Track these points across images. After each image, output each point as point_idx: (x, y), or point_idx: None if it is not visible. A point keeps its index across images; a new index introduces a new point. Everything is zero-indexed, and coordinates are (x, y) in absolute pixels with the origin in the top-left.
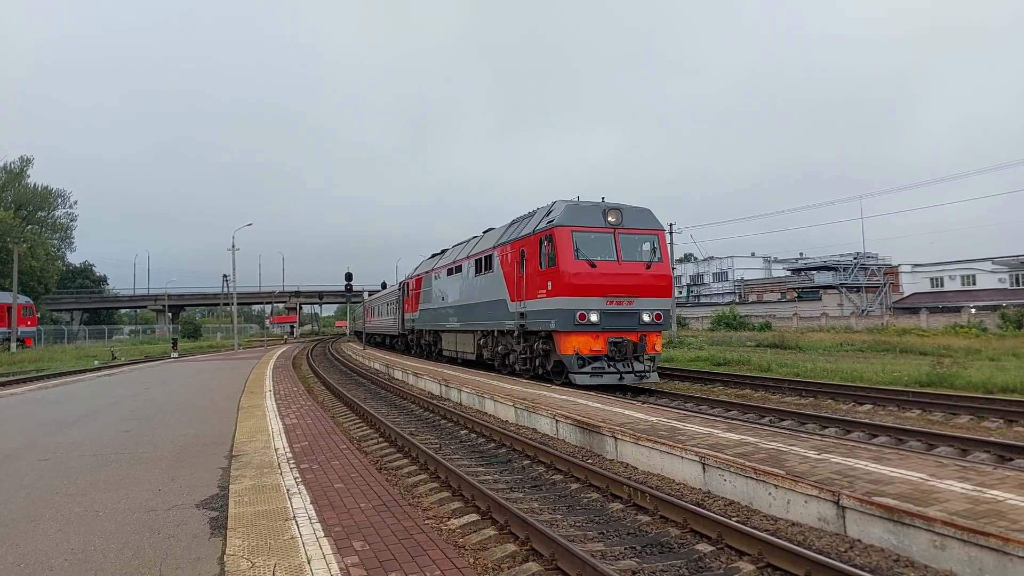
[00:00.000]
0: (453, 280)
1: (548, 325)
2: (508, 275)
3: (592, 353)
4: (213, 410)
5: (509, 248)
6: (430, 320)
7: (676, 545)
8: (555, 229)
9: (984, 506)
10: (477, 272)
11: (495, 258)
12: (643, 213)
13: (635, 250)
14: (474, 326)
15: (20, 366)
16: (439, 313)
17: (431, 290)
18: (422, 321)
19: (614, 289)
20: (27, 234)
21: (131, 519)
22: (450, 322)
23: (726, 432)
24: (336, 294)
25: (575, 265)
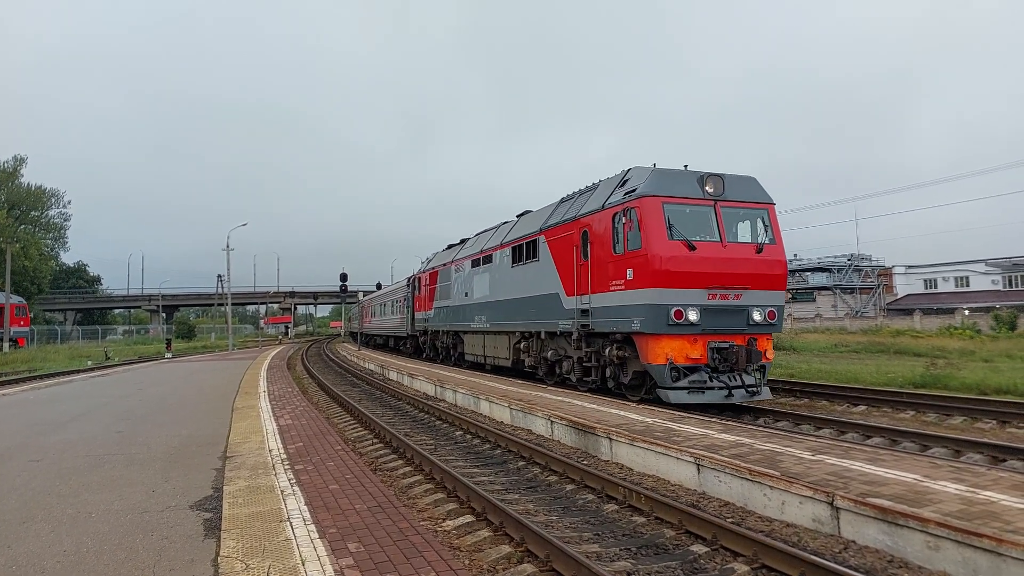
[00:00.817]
0: (480, 273)
1: (628, 325)
2: (562, 263)
3: (689, 362)
4: (207, 411)
5: (564, 230)
6: (449, 319)
7: (671, 546)
8: (640, 201)
9: (978, 507)
10: (516, 262)
11: (542, 244)
12: (748, 182)
13: (741, 228)
14: (510, 326)
15: (13, 366)
16: (461, 311)
17: (450, 285)
18: (438, 321)
19: (718, 279)
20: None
21: (124, 520)
22: (476, 322)
23: (721, 433)
24: (331, 295)
25: (669, 247)
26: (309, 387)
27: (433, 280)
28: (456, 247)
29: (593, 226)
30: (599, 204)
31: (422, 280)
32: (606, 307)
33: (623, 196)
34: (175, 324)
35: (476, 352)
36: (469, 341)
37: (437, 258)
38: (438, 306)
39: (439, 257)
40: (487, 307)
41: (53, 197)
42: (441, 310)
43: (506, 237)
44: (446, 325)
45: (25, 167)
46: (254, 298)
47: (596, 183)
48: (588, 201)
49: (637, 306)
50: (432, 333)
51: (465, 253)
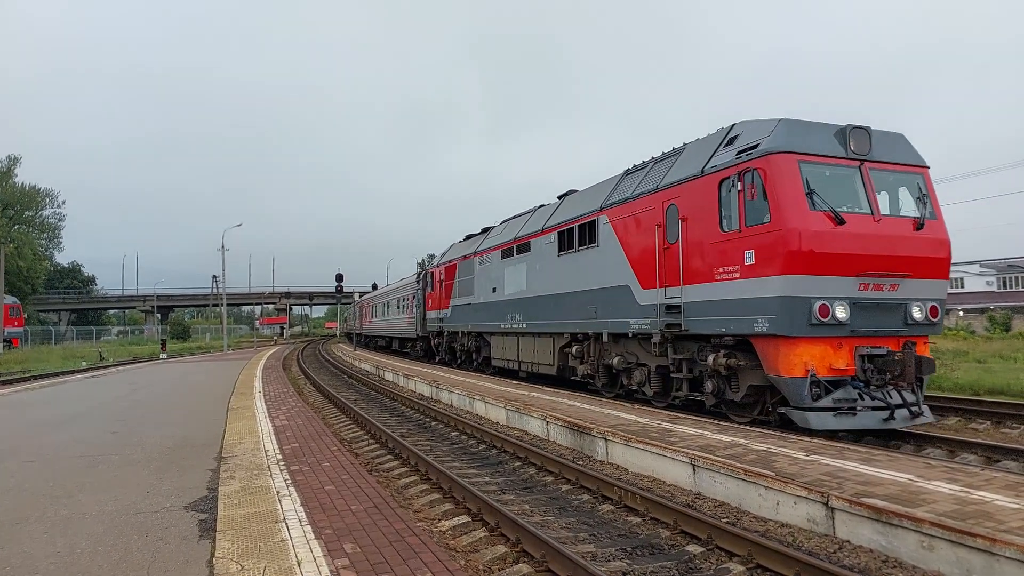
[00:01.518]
0: (513, 264)
1: (747, 326)
2: (635, 248)
3: (832, 374)
4: (202, 411)
5: (636, 207)
6: (471, 319)
7: (666, 546)
8: (768, 160)
9: (972, 507)
10: (564, 249)
11: (603, 226)
12: (896, 139)
13: (893, 198)
14: (555, 327)
15: (7, 367)
16: (487, 309)
17: (472, 280)
18: (457, 320)
19: (872, 263)
20: (14, 234)
21: (119, 521)
22: (507, 321)
23: (716, 434)
24: (326, 295)
25: (811, 219)
26: (305, 388)
27: (450, 275)
28: (478, 237)
29: (684, 198)
30: (695, 169)
31: (436, 275)
32: (708, 302)
33: (736, 156)
34: (170, 325)
35: (507, 356)
36: (497, 344)
37: (454, 250)
38: (457, 304)
39: (457, 249)
40: (522, 304)
41: (47, 197)
42: (461, 308)
43: (548, 221)
44: (467, 325)
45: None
46: (249, 299)
47: (680, 146)
48: (673, 168)
49: (763, 299)
50: (449, 334)
51: (492, 243)
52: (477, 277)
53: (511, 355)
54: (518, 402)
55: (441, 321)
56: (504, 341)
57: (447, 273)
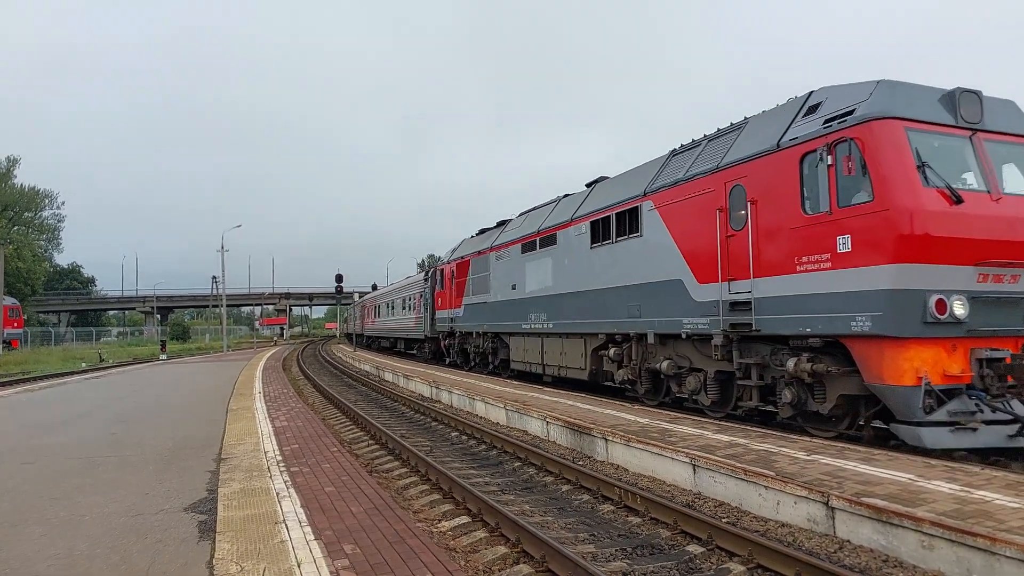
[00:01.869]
0: (536, 259)
1: (842, 325)
2: (689, 237)
3: (946, 381)
4: (202, 412)
5: (691, 190)
6: (486, 318)
7: (667, 546)
8: (868, 127)
9: (972, 506)
10: (599, 240)
11: (648, 213)
12: (1008, 107)
13: (1007, 173)
14: (588, 326)
15: (6, 368)
16: (506, 308)
17: (487, 277)
18: (470, 320)
19: (992, 250)
20: (13, 235)
21: (118, 523)
22: (530, 321)
23: (716, 434)
24: (326, 296)
25: (924, 197)
26: (304, 388)
27: (463, 272)
28: (493, 231)
29: (754, 178)
30: (767, 144)
31: (446, 272)
32: (786, 297)
33: (823, 125)
34: (170, 326)
35: (528, 359)
36: (518, 345)
37: (466, 245)
38: (470, 303)
39: (470, 244)
40: (548, 302)
41: (47, 198)
42: (475, 307)
43: (578, 211)
44: (482, 325)
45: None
46: (249, 299)
47: (740, 121)
48: (736, 144)
49: (864, 294)
50: (461, 335)
51: (510, 236)
52: (493, 273)
53: (534, 358)
54: (518, 402)
55: (452, 321)
56: (526, 343)
57: (459, 270)
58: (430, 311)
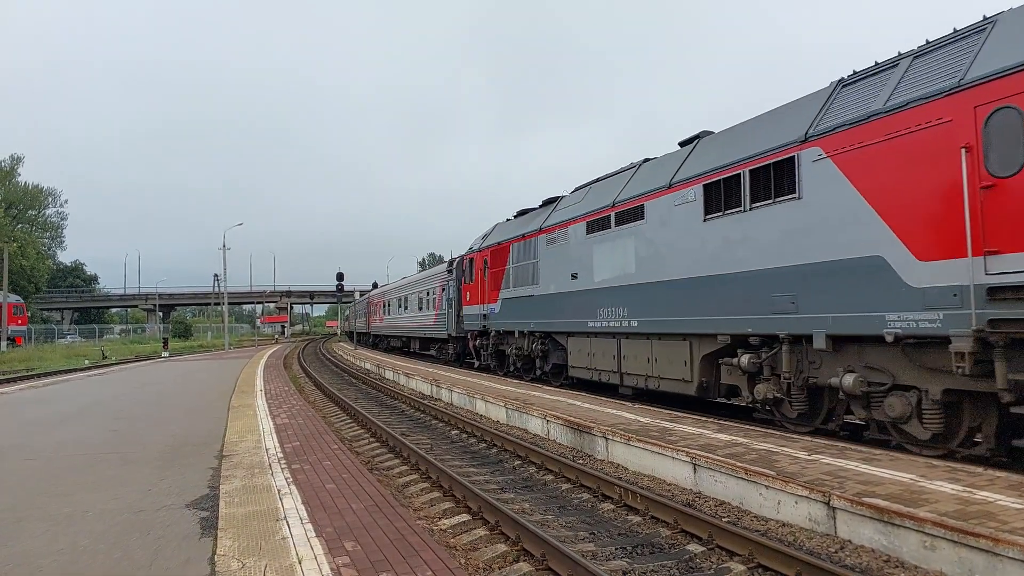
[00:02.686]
0: (611, 239)
1: None
2: (901, 193)
3: None
4: (203, 410)
5: (902, 123)
6: (533, 314)
7: (667, 545)
8: None
9: (974, 507)
10: (717, 210)
11: (812, 164)
12: None
13: None
14: (699, 324)
15: (10, 365)
16: (562, 302)
17: (535, 265)
18: (510, 317)
19: None
20: (17, 233)
21: (120, 520)
22: (600, 318)
23: (717, 433)
24: (327, 294)
25: None
26: (305, 386)
27: (499, 260)
28: (539, 211)
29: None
30: None
31: (477, 262)
32: None
33: None
34: (172, 323)
35: (597, 365)
36: (580, 348)
37: (501, 230)
38: (510, 296)
39: (506, 228)
40: (629, 293)
41: (50, 196)
42: (516, 302)
43: (679, 174)
44: (526, 323)
45: (22, 166)
46: (250, 297)
47: (978, 22)
48: (984, 52)
49: None
50: (498, 335)
51: (568, 214)
52: (543, 261)
53: (605, 363)
54: (518, 401)
55: (486, 318)
56: (593, 345)
57: (494, 258)
58: (455, 307)
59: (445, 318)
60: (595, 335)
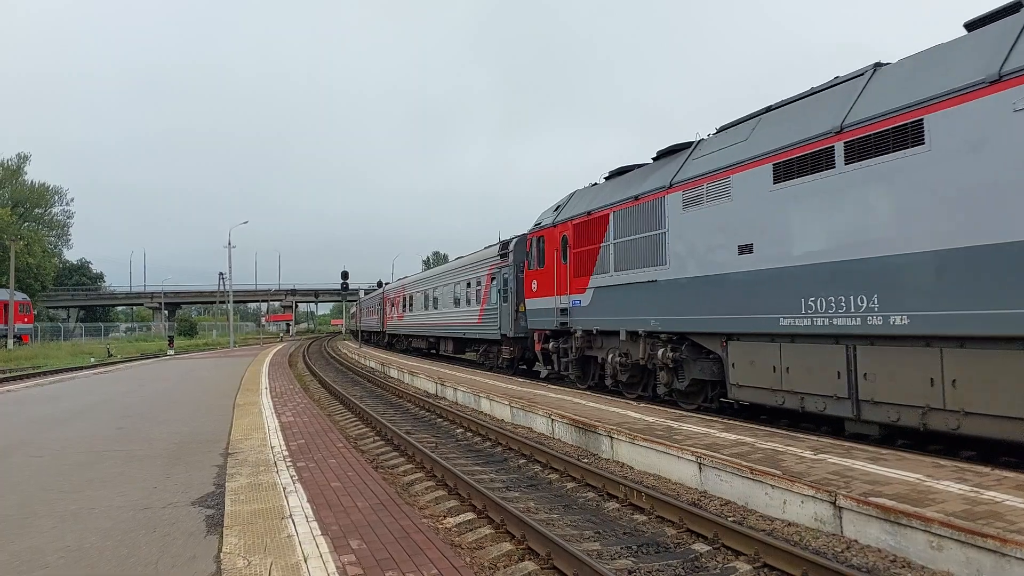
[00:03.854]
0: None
1: None
2: None
3: None
4: (209, 408)
5: None
6: (655, 308)
7: (672, 545)
8: None
9: (982, 507)
10: None
11: None
12: None
13: None
14: None
15: (16, 363)
16: (715, 289)
17: (662, 237)
18: (611, 311)
19: None
20: (24, 231)
21: (126, 516)
22: (811, 311)
23: (722, 432)
24: (332, 292)
25: None
26: (310, 384)
27: (589, 236)
28: (655, 166)
29: None
30: None
31: (550, 241)
32: None
33: None
34: (177, 321)
35: (798, 386)
36: (755, 358)
37: (584, 198)
38: (608, 284)
39: (592, 195)
40: (883, 271)
41: (56, 194)
42: (621, 291)
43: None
44: (645, 320)
45: (29, 164)
46: (255, 296)
47: None
48: None
49: None
50: (586, 336)
51: (727, 159)
52: (677, 230)
53: (815, 383)
54: (523, 400)
55: (565, 314)
56: (787, 353)
57: (580, 234)
58: (512, 300)
59: (496, 314)
60: (792, 339)
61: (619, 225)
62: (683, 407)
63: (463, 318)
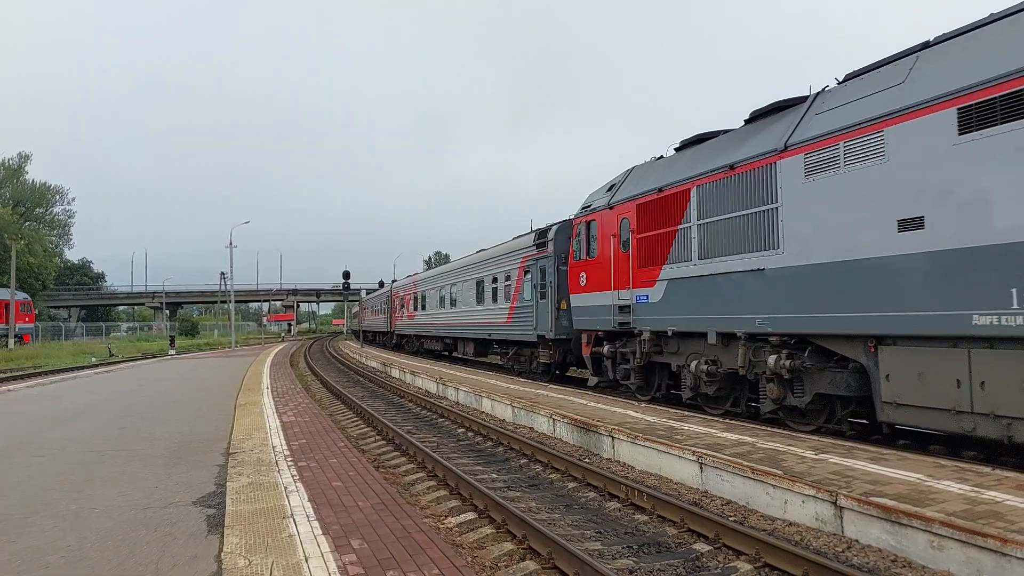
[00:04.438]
0: None
1: None
2: None
3: None
4: (210, 407)
5: None
6: (761, 304)
7: (673, 544)
8: None
9: (982, 507)
10: None
11: None
12: None
13: None
14: None
15: (18, 363)
16: (858, 278)
17: (772, 214)
18: (690, 309)
19: None
20: (25, 231)
21: (127, 516)
22: None
23: (724, 432)
24: (333, 292)
25: None
26: (312, 384)
27: (660, 217)
28: (747, 129)
29: None
30: None
31: (605, 226)
32: None
33: None
34: (178, 321)
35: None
36: (926, 368)
37: (648, 173)
38: (687, 275)
39: (659, 170)
40: None
41: (57, 194)
42: (706, 284)
43: None
44: (749, 319)
45: (30, 164)
46: (257, 296)
47: None
48: None
49: None
50: (653, 339)
51: (873, 110)
52: (795, 205)
53: None
54: (525, 399)
55: (625, 311)
56: (994, 365)
57: (647, 215)
58: (553, 295)
59: (530, 312)
60: (991, 343)
61: (705, 202)
62: (793, 427)
63: (488, 317)
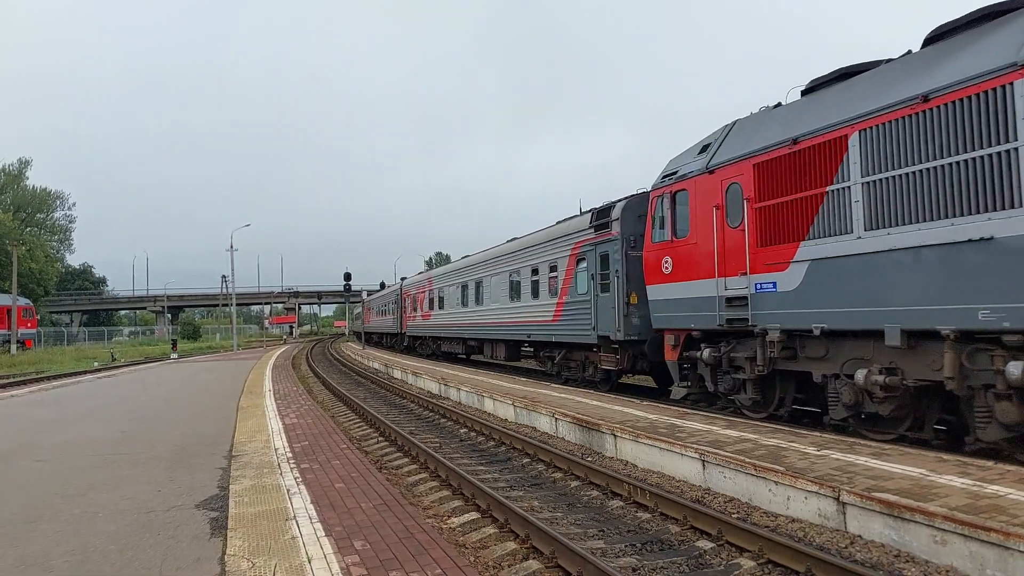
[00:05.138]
0: None
1: None
2: None
3: None
4: (212, 410)
5: None
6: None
7: (676, 542)
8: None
9: (985, 501)
10: None
11: None
12: None
13: None
14: None
15: (20, 368)
16: None
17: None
18: (853, 301)
19: None
20: (26, 236)
21: (130, 520)
22: None
23: (725, 429)
24: (335, 294)
25: None
26: (314, 386)
27: (793, 179)
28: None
29: None
30: None
31: (697, 195)
32: None
33: None
34: (180, 325)
35: None
36: None
37: (772, 123)
38: (841, 253)
39: (780, 118)
40: None
41: (58, 199)
42: (870, 265)
43: None
44: (944, 313)
45: (30, 169)
46: (258, 298)
47: None
48: None
49: None
50: (786, 340)
51: None
52: None
53: None
54: (526, 399)
55: (737, 305)
56: None
57: (772, 178)
58: (621, 287)
59: (587, 308)
60: None
61: (874, 151)
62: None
63: (527, 315)
